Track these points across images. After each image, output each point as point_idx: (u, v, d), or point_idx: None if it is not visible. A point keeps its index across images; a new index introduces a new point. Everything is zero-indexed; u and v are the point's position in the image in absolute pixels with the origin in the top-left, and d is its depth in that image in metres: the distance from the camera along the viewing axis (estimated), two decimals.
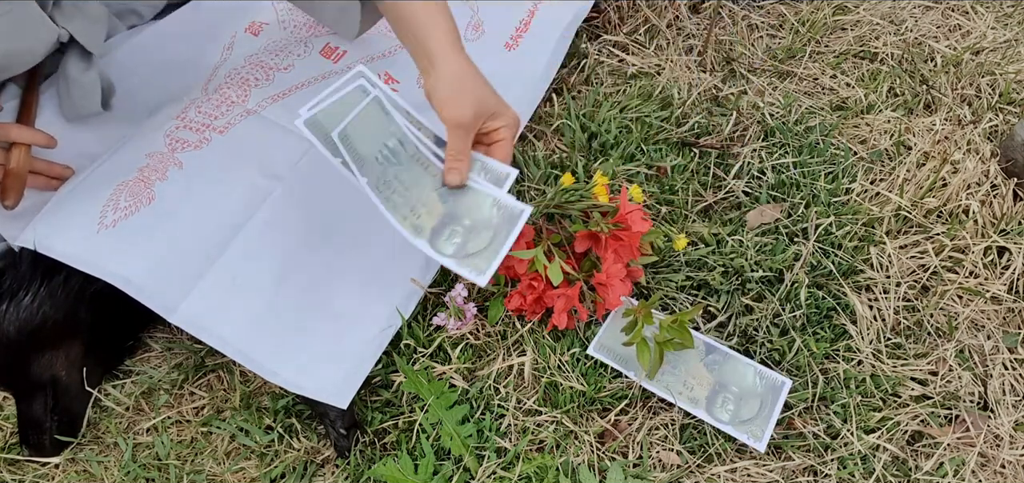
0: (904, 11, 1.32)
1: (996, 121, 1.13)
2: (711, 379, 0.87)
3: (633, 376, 0.86)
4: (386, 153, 0.83)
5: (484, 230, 0.81)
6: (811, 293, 0.94)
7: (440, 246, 0.81)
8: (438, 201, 0.83)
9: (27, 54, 0.90)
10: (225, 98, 1.03)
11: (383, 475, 0.82)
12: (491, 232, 0.81)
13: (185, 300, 0.86)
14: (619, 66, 1.25)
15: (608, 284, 0.86)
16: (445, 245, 0.81)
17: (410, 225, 0.81)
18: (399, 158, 0.83)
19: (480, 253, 0.80)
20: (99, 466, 0.89)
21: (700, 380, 0.87)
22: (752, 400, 0.86)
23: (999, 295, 0.95)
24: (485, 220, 0.82)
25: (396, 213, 0.81)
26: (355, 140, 0.82)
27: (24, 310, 0.87)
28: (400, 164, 0.83)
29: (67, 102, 0.96)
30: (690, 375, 0.87)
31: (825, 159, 1.09)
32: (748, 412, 0.85)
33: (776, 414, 0.84)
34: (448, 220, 0.82)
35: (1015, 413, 0.87)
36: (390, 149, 0.83)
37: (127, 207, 0.90)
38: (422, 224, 0.81)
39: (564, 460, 0.83)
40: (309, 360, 0.86)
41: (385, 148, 0.83)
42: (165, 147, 0.97)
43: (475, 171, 0.85)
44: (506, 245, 0.80)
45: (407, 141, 0.85)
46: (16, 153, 0.90)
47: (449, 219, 0.82)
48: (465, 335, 0.92)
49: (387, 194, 0.81)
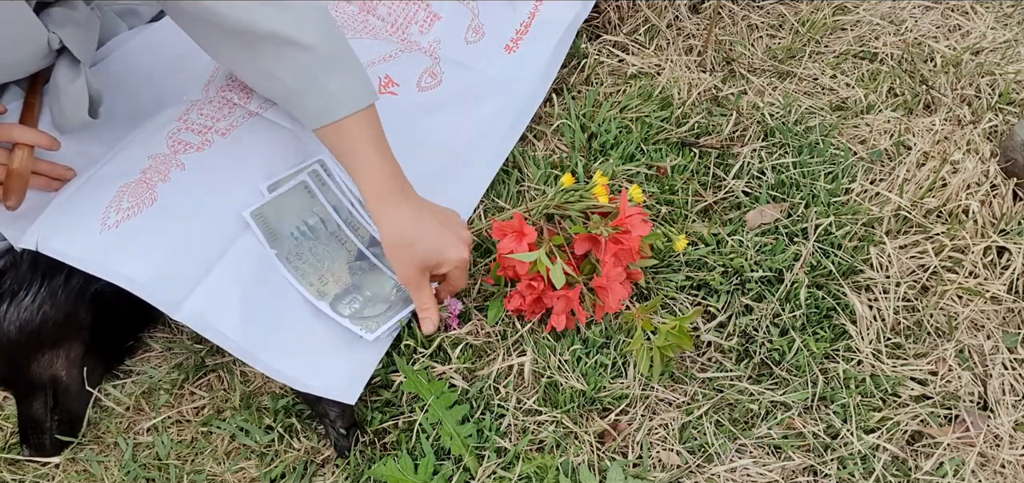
0: (904, 11, 1.32)
1: (996, 121, 1.13)
2: (349, 281, 0.90)
3: None
4: (304, 230, 0.92)
5: (381, 303, 0.90)
6: (811, 293, 0.94)
7: (339, 309, 0.89)
8: (347, 273, 0.91)
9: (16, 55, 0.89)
10: (227, 100, 1.03)
11: (383, 475, 0.82)
12: (386, 305, 0.90)
13: (189, 297, 0.86)
14: (619, 66, 1.25)
15: (608, 287, 0.86)
16: (343, 308, 0.89)
17: (315, 290, 0.89)
18: (317, 235, 0.92)
19: (374, 317, 0.89)
20: (99, 466, 0.89)
21: (338, 279, 0.89)
22: (380, 305, 0.89)
23: (999, 295, 0.95)
24: (384, 296, 0.91)
25: (303, 280, 0.89)
26: (270, 219, 0.92)
27: (24, 310, 0.87)
28: (317, 240, 0.92)
29: (58, 113, 0.96)
30: (330, 272, 0.90)
31: (825, 159, 1.09)
32: (371, 311, 0.88)
33: (398, 318, 0.87)
34: (351, 289, 0.90)
35: (1015, 413, 0.87)
36: (309, 227, 0.92)
37: (129, 208, 0.90)
38: (327, 290, 0.90)
39: (564, 460, 0.83)
40: (316, 358, 0.86)
41: (304, 225, 0.92)
42: (167, 149, 0.97)
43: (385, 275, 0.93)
44: (397, 318, 0.89)
45: (329, 221, 0.94)
46: (19, 154, 0.91)
47: (353, 288, 0.90)
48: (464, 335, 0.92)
49: (296, 264, 0.90)
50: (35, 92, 0.99)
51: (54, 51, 0.92)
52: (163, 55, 1.13)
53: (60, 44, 0.91)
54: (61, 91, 0.93)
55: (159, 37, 1.16)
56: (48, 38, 0.89)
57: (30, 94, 0.99)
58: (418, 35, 1.20)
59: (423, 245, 0.85)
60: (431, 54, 1.18)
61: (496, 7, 1.23)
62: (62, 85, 0.93)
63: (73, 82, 0.93)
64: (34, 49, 0.89)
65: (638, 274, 0.94)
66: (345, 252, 0.93)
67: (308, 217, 0.93)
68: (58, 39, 0.90)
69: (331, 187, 0.98)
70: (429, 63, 1.17)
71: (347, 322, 0.87)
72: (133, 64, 1.12)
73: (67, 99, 0.93)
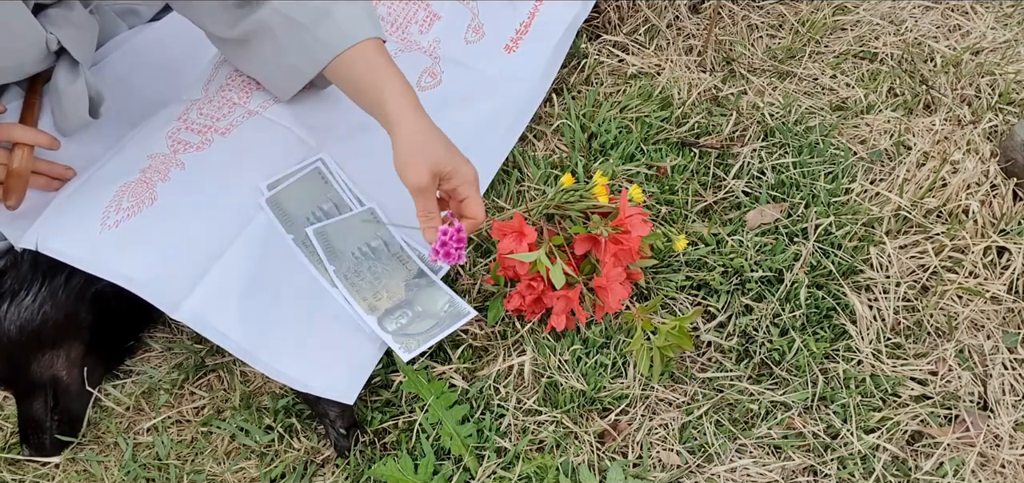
0: (904, 11, 1.32)
1: (996, 121, 1.13)
2: (404, 296, 0.90)
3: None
4: (366, 250, 0.94)
5: (429, 319, 0.89)
6: (811, 293, 0.94)
7: (385, 324, 0.89)
8: (403, 289, 0.92)
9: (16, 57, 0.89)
10: (227, 100, 1.03)
11: (383, 475, 0.82)
12: (434, 321, 0.89)
13: (189, 297, 0.86)
14: (619, 66, 1.25)
15: (607, 288, 0.86)
16: (390, 323, 0.89)
17: (368, 305, 0.90)
18: (379, 256, 0.94)
19: (416, 335, 0.88)
20: (99, 466, 0.89)
21: (392, 295, 0.90)
22: (428, 321, 0.88)
23: (999, 295, 0.95)
24: (434, 312, 0.90)
25: (358, 295, 0.90)
26: (332, 238, 0.94)
27: (25, 310, 0.87)
28: (378, 260, 0.94)
29: (59, 115, 0.96)
30: (386, 289, 0.90)
31: (825, 159, 1.09)
32: (417, 329, 0.87)
33: (442, 336, 0.87)
34: (404, 305, 0.91)
35: (1015, 413, 0.87)
36: (372, 248, 0.94)
37: (129, 208, 0.90)
38: (379, 305, 0.90)
39: (564, 460, 0.83)
40: (315, 357, 0.86)
41: (367, 247, 0.94)
42: (167, 148, 0.97)
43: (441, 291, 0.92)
44: (441, 336, 0.88)
45: (392, 243, 0.96)
46: (19, 153, 0.91)
47: (405, 304, 0.91)
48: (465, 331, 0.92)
49: (354, 281, 0.91)
50: (35, 92, 0.99)
51: (53, 53, 0.92)
52: (163, 55, 1.13)
53: (58, 45, 0.91)
54: (61, 93, 0.93)
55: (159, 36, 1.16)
56: (46, 39, 0.89)
57: (30, 94, 0.99)
58: (418, 35, 1.20)
59: (438, 150, 0.85)
60: (431, 54, 1.18)
61: (496, 7, 1.23)
62: (62, 87, 0.93)
63: (73, 83, 0.93)
64: (33, 51, 0.89)
65: (638, 274, 0.94)
66: (404, 270, 0.93)
67: (371, 240, 0.95)
68: (56, 40, 0.90)
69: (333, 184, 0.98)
70: (429, 63, 1.17)
71: (390, 338, 0.87)
72: (133, 63, 1.12)
73: (67, 100, 0.94)
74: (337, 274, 0.91)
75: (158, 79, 1.09)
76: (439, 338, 0.87)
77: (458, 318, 0.89)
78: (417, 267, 0.94)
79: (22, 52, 0.89)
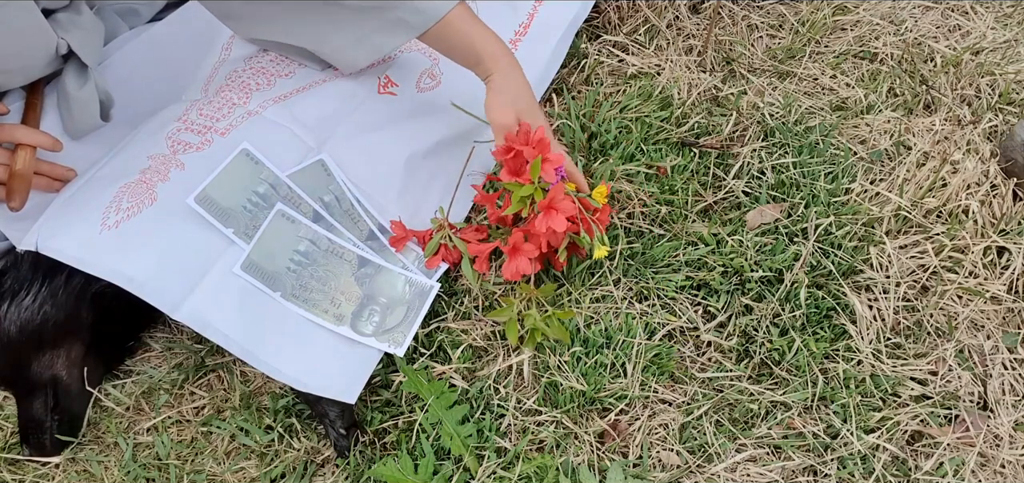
0: (904, 11, 1.32)
1: (996, 121, 1.13)
2: (360, 293, 0.90)
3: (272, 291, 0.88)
4: (298, 260, 0.91)
5: (399, 306, 0.91)
6: (811, 293, 0.94)
7: (360, 328, 0.89)
8: (355, 285, 0.91)
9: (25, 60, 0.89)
10: (227, 101, 1.03)
11: (383, 475, 0.82)
12: (405, 306, 0.91)
13: (188, 297, 0.86)
14: (619, 66, 1.25)
15: (510, 255, 0.90)
16: (365, 325, 0.89)
17: (332, 316, 0.89)
18: (312, 258, 0.91)
19: (397, 327, 0.90)
20: (99, 466, 0.89)
21: (349, 295, 0.89)
22: (399, 308, 0.89)
23: (999, 295, 0.95)
24: (399, 297, 0.91)
25: (316, 310, 0.89)
26: (260, 260, 0.89)
27: (25, 310, 0.87)
28: (314, 264, 0.91)
29: (69, 119, 0.96)
30: (339, 291, 0.89)
31: (825, 159, 1.09)
32: (392, 320, 0.88)
33: (420, 318, 0.88)
34: (366, 302, 0.90)
35: (1015, 413, 0.87)
36: (302, 253, 0.91)
37: (129, 208, 0.90)
38: (343, 311, 0.89)
39: (564, 460, 0.83)
40: (315, 357, 0.87)
41: (296, 254, 0.91)
42: (167, 149, 0.97)
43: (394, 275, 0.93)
44: (419, 317, 0.90)
45: (319, 239, 0.92)
46: (21, 155, 0.91)
47: (367, 301, 0.91)
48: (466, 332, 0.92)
49: (305, 296, 0.89)
50: (37, 93, 0.99)
51: (61, 57, 0.92)
52: (163, 55, 1.13)
53: (67, 49, 0.91)
54: (71, 97, 0.94)
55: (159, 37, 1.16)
56: (57, 44, 0.90)
57: (32, 95, 0.99)
58: None
59: (528, 98, 0.96)
60: (430, 55, 1.18)
61: (495, 7, 1.23)
62: (71, 91, 0.94)
63: (82, 87, 0.94)
64: (42, 55, 0.90)
65: (560, 264, 0.96)
66: (346, 265, 0.92)
67: (297, 245, 0.92)
68: (66, 44, 0.90)
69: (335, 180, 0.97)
70: (428, 64, 1.17)
71: (374, 341, 0.88)
72: (134, 64, 1.12)
73: (78, 104, 0.94)
74: (284, 298, 0.88)
75: (158, 80, 1.09)
76: (419, 320, 0.89)
77: (425, 294, 0.92)
78: (356, 256, 0.93)
79: (31, 56, 0.89)
